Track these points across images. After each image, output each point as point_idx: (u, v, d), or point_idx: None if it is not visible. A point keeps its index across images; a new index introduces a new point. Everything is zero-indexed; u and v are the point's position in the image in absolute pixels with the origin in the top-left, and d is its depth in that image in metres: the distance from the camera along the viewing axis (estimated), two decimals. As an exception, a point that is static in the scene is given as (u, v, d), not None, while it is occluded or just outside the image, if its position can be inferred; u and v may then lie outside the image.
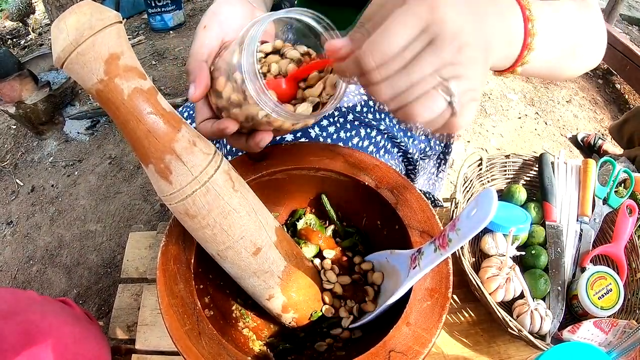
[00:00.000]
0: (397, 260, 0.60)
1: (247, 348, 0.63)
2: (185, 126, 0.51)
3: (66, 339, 0.82)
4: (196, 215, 0.52)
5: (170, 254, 0.61)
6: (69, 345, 0.81)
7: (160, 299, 0.56)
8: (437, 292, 0.55)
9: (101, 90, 0.45)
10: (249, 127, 0.58)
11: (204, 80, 0.56)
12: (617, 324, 0.75)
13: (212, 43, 0.58)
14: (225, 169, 0.54)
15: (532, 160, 1.03)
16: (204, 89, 0.56)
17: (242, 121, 0.57)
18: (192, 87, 0.56)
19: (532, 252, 0.89)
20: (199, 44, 0.57)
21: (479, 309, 0.88)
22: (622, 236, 0.90)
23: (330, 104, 0.56)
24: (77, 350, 0.83)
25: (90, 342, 0.87)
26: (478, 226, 0.41)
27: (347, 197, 0.73)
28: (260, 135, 0.58)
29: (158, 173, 0.50)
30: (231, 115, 0.56)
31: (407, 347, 0.51)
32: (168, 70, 2.93)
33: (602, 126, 2.55)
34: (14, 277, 1.89)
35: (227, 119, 0.56)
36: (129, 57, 0.46)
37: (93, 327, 0.94)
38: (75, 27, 0.42)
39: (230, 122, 0.56)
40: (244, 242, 0.55)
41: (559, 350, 0.63)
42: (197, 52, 0.57)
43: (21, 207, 2.15)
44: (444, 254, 0.47)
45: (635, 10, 3.70)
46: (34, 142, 2.45)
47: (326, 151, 0.72)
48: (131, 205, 2.09)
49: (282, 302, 0.62)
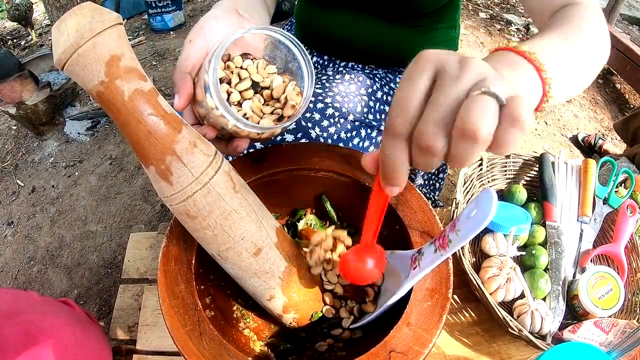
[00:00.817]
0: (397, 260, 0.60)
1: (248, 348, 0.64)
2: (186, 127, 0.51)
3: (67, 339, 0.81)
4: (197, 216, 0.52)
5: (171, 255, 0.61)
6: (69, 346, 0.81)
7: (161, 300, 0.57)
8: (438, 292, 0.55)
9: (102, 92, 0.45)
10: (227, 134, 0.61)
11: (187, 90, 0.59)
12: (618, 324, 0.75)
13: (196, 55, 0.61)
14: (226, 170, 0.54)
15: (533, 160, 1.03)
16: (187, 99, 0.60)
17: (218, 129, 0.60)
18: (176, 97, 0.60)
19: (532, 252, 0.89)
20: (184, 56, 0.61)
21: (480, 309, 0.88)
22: (622, 236, 0.90)
23: (293, 118, 0.61)
24: (78, 350, 0.83)
25: (92, 343, 0.87)
26: (478, 227, 0.41)
27: (347, 198, 0.73)
28: (237, 142, 0.62)
29: (159, 174, 0.50)
30: (209, 123, 0.60)
31: (407, 348, 0.51)
32: (168, 71, 2.93)
33: (602, 126, 2.55)
34: (15, 278, 1.89)
35: (206, 126, 0.61)
36: (129, 58, 0.46)
37: (94, 327, 0.94)
38: (76, 29, 0.42)
39: (209, 129, 0.60)
40: (245, 243, 0.55)
41: (560, 350, 0.63)
42: (182, 65, 0.61)
43: (22, 208, 2.15)
44: (444, 255, 0.47)
45: (636, 10, 3.70)
46: (34, 142, 2.45)
47: (326, 151, 0.72)
48: (132, 206, 2.09)
49: (282, 303, 0.62)
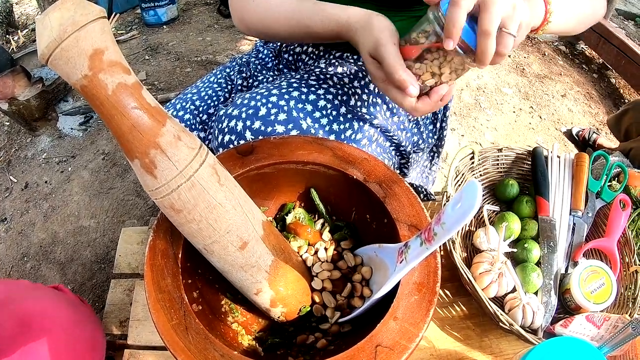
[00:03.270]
0: (385, 254, 0.59)
1: (235, 342, 0.63)
2: (170, 120, 0.50)
3: (61, 322, 0.82)
4: (182, 209, 0.52)
5: (158, 249, 0.61)
6: (65, 329, 0.82)
7: (147, 294, 0.57)
8: (425, 286, 0.55)
9: (85, 86, 0.44)
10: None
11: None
12: (610, 318, 0.75)
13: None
14: (211, 163, 0.53)
15: (525, 154, 1.03)
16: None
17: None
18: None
19: (524, 246, 0.89)
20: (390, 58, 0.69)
21: (471, 303, 0.87)
22: (615, 230, 0.90)
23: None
24: (73, 332, 0.83)
25: (86, 325, 0.88)
26: (463, 219, 0.40)
27: (336, 191, 0.73)
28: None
29: (143, 168, 0.49)
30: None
31: (394, 342, 0.50)
32: (161, 64, 2.91)
33: (597, 120, 2.55)
34: (9, 274, 1.88)
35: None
36: (113, 52, 0.45)
37: (86, 310, 0.95)
38: (58, 22, 0.42)
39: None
40: (230, 237, 0.55)
41: (549, 345, 0.63)
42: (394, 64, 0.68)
43: (15, 204, 2.13)
44: (429, 248, 0.47)
45: (631, 4, 3.70)
46: (27, 138, 2.44)
47: (314, 145, 0.71)
48: (125, 201, 2.08)
49: (270, 297, 0.62)
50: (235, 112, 0.85)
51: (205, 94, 1.08)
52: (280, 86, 0.89)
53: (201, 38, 3.20)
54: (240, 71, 1.14)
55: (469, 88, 2.67)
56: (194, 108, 1.05)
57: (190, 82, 2.73)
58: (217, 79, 1.13)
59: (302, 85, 0.90)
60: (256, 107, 0.85)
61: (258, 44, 1.22)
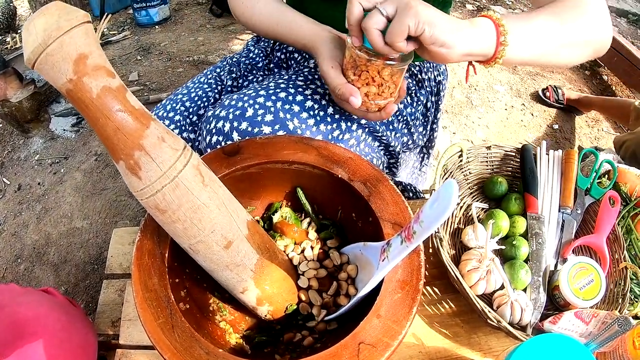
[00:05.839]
0: (369, 252, 0.60)
1: (223, 341, 0.64)
2: (155, 122, 0.51)
3: (53, 326, 0.82)
4: (166, 210, 0.52)
5: (145, 249, 0.62)
6: (56, 332, 0.82)
7: (135, 293, 0.57)
8: (408, 284, 0.56)
9: (71, 90, 0.45)
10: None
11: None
12: (598, 315, 0.75)
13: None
14: (195, 164, 0.54)
15: (514, 152, 1.03)
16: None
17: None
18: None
19: (513, 243, 0.89)
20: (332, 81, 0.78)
21: (460, 300, 0.88)
22: (604, 227, 0.90)
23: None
24: (65, 335, 0.83)
25: (77, 327, 0.88)
26: (440, 217, 0.41)
27: (322, 190, 0.74)
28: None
29: (128, 169, 0.50)
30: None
31: (377, 339, 0.51)
32: (153, 65, 2.91)
33: (588, 117, 2.55)
34: (2, 276, 1.88)
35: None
36: (97, 56, 0.46)
37: (77, 312, 0.94)
38: (43, 28, 0.42)
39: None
40: (215, 236, 0.56)
41: (537, 342, 0.63)
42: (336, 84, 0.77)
43: (8, 206, 2.13)
44: (409, 246, 0.47)
45: (624, 2, 3.71)
46: (19, 140, 2.43)
47: (300, 144, 0.72)
48: (117, 202, 2.08)
49: (256, 295, 0.62)
50: (222, 113, 0.86)
51: (195, 94, 1.08)
52: (267, 87, 0.90)
53: (193, 38, 3.19)
54: (231, 71, 1.14)
55: (461, 86, 2.67)
56: (184, 109, 1.05)
57: (182, 82, 2.72)
58: (208, 80, 1.13)
59: (290, 86, 0.91)
60: (243, 108, 0.85)
61: (249, 43, 1.23)
